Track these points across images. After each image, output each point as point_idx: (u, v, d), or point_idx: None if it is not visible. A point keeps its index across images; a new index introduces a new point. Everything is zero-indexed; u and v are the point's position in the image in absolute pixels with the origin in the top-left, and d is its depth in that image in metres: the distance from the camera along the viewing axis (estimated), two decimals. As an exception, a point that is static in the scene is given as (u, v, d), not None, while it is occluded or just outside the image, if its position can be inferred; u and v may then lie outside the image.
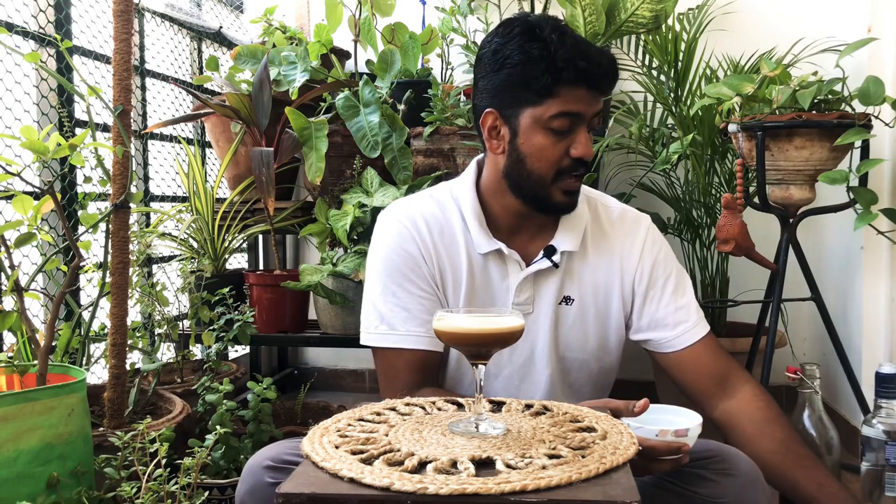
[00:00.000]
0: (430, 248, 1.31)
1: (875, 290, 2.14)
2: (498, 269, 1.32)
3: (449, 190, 1.37)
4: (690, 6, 2.48)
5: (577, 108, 1.21)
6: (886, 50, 2.07)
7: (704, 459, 1.14)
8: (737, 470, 1.12)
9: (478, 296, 1.31)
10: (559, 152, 1.22)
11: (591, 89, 1.21)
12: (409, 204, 1.37)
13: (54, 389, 1.33)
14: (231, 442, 1.68)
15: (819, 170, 1.88)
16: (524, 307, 1.31)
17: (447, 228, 1.32)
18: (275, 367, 3.12)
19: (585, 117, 1.22)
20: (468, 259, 1.31)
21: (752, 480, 1.11)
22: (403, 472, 0.84)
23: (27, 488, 1.26)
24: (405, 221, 1.32)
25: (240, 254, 2.85)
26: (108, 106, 1.59)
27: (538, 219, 1.33)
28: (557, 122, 1.21)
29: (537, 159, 1.23)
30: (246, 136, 2.34)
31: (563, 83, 1.20)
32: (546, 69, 1.19)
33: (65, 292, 1.56)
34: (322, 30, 2.39)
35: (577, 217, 1.33)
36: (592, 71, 1.20)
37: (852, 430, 2.13)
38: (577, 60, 1.19)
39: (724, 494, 1.10)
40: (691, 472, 1.13)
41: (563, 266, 1.32)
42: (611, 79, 1.24)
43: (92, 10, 2.18)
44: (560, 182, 1.24)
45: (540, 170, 1.24)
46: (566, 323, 1.34)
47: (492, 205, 1.33)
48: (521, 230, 1.33)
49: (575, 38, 1.22)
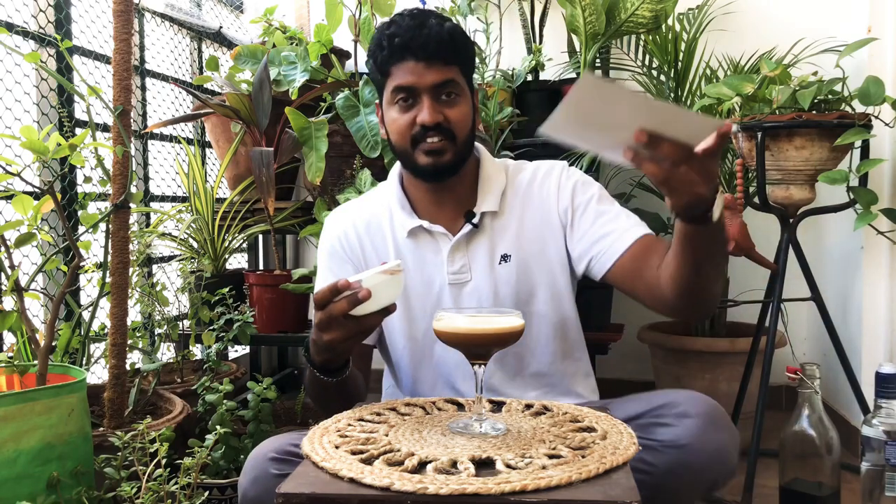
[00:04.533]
0: (352, 240, 1.42)
1: (875, 290, 2.14)
2: (430, 246, 1.38)
3: (381, 187, 1.49)
4: (690, 6, 2.48)
5: (409, 80, 1.29)
6: (886, 50, 2.07)
7: (661, 406, 1.15)
8: (694, 411, 1.12)
9: (410, 275, 1.38)
10: (407, 122, 1.31)
11: (418, 60, 1.28)
12: (345, 206, 1.50)
13: (54, 389, 1.33)
14: (231, 442, 1.68)
15: (819, 170, 1.89)
16: (461, 275, 1.36)
17: (373, 220, 1.43)
18: (275, 367, 3.12)
19: (421, 87, 1.29)
20: (394, 243, 1.40)
21: (712, 419, 1.12)
22: (403, 472, 0.84)
23: (27, 488, 1.26)
24: (331, 222, 1.46)
25: (240, 254, 2.85)
26: (108, 106, 1.59)
27: (455, 194, 1.38)
28: (397, 95, 1.31)
29: (394, 132, 1.34)
30: (246, 136, 2.34)
31: (391, 61, 1.30)
32: (378, 50, 1.32)
33: (65, 292, 1.56)
34: (322, 30, 2.39)
35: (492, 182, 1.39)
36: (411, 43, 1.27)
37: (852, 430, 2.13)
38: (395, 37, 1.28)
39: (684, 436, 1.11)
40: (649, 422, 1.14)
41: (488, 228, 1.38)
42: (436, 46, 1.28)
43: (92, 10, 2.18)
44: (419, 146, 1.32)
45: (398, 142, 1.34)
46: (510, 281, 1.37)
47: (411, 190, 1.42)
48: (442, 207, 1.39)
49: (413, 17, 1.30)
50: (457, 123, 1.31)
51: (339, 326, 1.07)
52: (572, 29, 2.26)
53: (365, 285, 1.04)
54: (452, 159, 1.32)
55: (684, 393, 1.17)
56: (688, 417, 1.12)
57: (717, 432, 1.11)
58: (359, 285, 1.04)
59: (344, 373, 1.19)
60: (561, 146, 1.00)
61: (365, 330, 1.10)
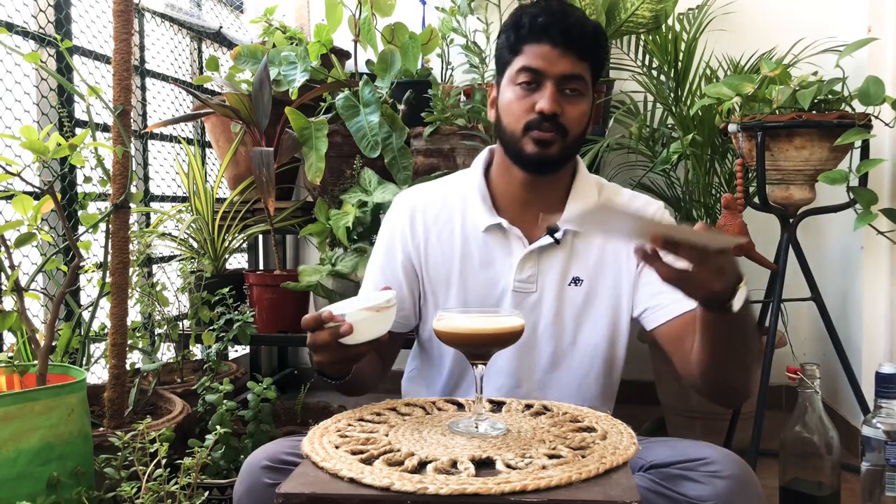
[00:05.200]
0: (417, 229, 1.37)
1: (875, 290, 2.14)
2: (501, 246, 1.34)
3: (461, 175, 1.43)
4: (690, 6, 2.48)
5: (539, 63, 1.24)
6: (886, 50, 2.08)
7: (692, 461, 1.12)
8: (726, 472, 1.10)
9: (475, 273, 1.34)
10: (525, 106, 1.26)
11: (554, 46, 1.24)
12: (418, 188, 1.45)
13: (54, 389, 1.33)
14: (231, 442, 1.68)
15: (819, 170, 1.89)
16: (527, 285, 1.32)
17: (444, 210, 1.37)
18: (275, 367, 3.12)
19: (549, 74, 1.24)
20: (463, 237, 1.35)
21: (742, 483, 1.09)
22: (403, 472, 0.84)
23: (27, 488, 1.26)
24: (399, 205, 1.41)
25: (240, 254, 2.85)
26: (108, 106, 1.59)
27: (544, 198, 1.34)
28: (522, 76, 1.26)
29: (507, 113, 1.29)
30: (246, 136, 2.34)
31: (527, 40, 1.25)
32: (514, 27, 1.27)
33: (65, 292, 1.56)
34: (322, 30, 2.39)
35: (583, 199, 1.34)
36: (553, 27, 1.23)
37: (852, 430, 2.13)
38: (538, 17, 1.24)
39: (712, 496, 1.08)
40: (679, 474, 1.12)
41: (568, 246, 1.33)
42: (577, 37, 1.24)
43: (92, 10, 2.18)
44: (530, 133, 1.26)
45: (510, 124, 1.28)
46: (575, 304, 1.33)
47: (497, 184, 1.36)
48: (526, 208, 1.34)
49: (561, 4, 1.27)
50: (572, 120, 1.26)
51: (326, 352, 1.08)
52: (572, 29, 2.25)
53: (349, 320, 1.03)
54: (559, 154, 1.27)
55: (718, 451, 1.13)
56: (719, 478, 1.09)
57: (747, 498, 1.09)
58: (342, 319, 1.04)
59: (345, 377, 1.18)
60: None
61: (352, 357, 1.09)
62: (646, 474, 1.13)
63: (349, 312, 1.04)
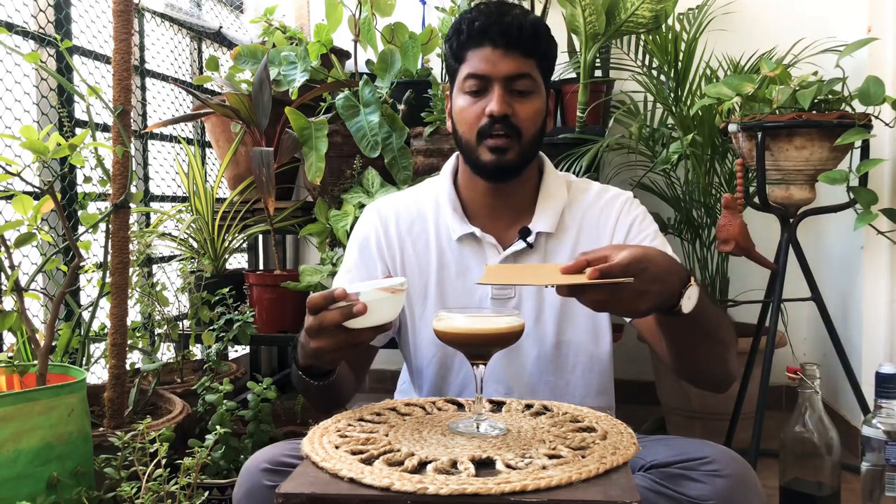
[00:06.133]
0: (391, 238, 1.35)
1: (875, 290, 2.14)
2: (475, 254, 1.33)
3: (430, 183, 1.41)
4: (690, 6, 2.48)
5: (483, 67, 1.23)
6: (886, 50, 2.08)
7: (693, 460, 1.12)
8: (726, 471, 1.10)
9: (451, 283, 1.33)
10: (476, 112, 1.25)
11: (496, 47, 1.23)
12: (389, 198, 1.42)
13: (54, 389, 1.33)
14: (231, 442, 1.68)
15: (819, 170, 1.89)
16: (505, 291, 1.31)
17: (417, 220, 1.36)
18: (275, 367, 3.12)
19: (494, 76, 1.23)
20: (438, 247, 1.33)
21: (743, 481, 1.09)
22: (403, 473, 0.84)
23: (27, 488, 1.26)
24: (371, 213, 1.39)
25: (240, 254, 2.85)
26: (108, 106, 1.59)
27: (512, 202, 1.33)
28: (469, 83, 1.25)
29: (461, 122, 1.28)
30: (246, 136, 2.34)
31: (468, 46, 1.25)
32: (455, 34, 1.27)
33: (65, 292, 1.56)
34: (322, 30, 2.39)
35: (553, 199, 1.34)
36: (491, 28, 1.22)
37: (852, 430, 2.13)
38: (476, 21, 1.23)
39: (712, 495, 1.08)
40: (678, 473, 1.11)
41: (542, 248, 1.32)
42: (517, 35, 1.23)
43: (92, 10, 2.18)
44: (485, 142, 1.26)
45: (465, 133, 1.27)
46: (554, 305, 1.32)
47: (465, 192, 1.35)
48: (497, 216, 1.33)
49: (497, 6, 1.26)
50: (525, 120, 1.25)
51: (329, 336, 1.03)
52: (572, 29, 2.26)
53: (363, 299, 0.99)
54: (515, 159, 1.26)
55: (718, 449, 1.13)
56: (719, 477, 1.09)
57: (747, 496, 1.09)
58: (356, 298, 1.00)
59: (328, 378, 1.15)
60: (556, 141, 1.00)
61: (355, 343, 1.04)
62: (646, 474, 1.13)
63: (364, 291, 1.00)
